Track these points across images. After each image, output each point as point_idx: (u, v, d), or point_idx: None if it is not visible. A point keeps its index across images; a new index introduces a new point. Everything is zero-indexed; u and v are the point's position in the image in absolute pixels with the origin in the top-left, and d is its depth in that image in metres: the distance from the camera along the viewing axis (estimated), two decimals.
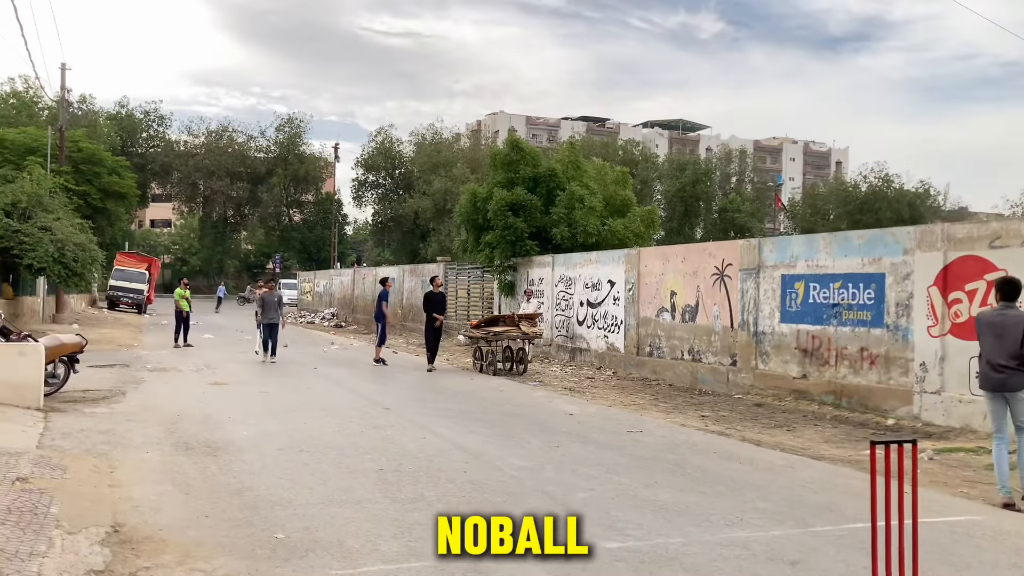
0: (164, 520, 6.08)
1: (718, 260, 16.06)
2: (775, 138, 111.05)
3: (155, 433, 9.61)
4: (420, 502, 6.72)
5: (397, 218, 61.40)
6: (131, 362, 17.81)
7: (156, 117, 68.99)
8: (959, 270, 11.39)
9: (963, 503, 7.26)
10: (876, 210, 57.94)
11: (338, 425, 10.49)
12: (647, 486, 7.51)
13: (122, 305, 42.03)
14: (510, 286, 24.32)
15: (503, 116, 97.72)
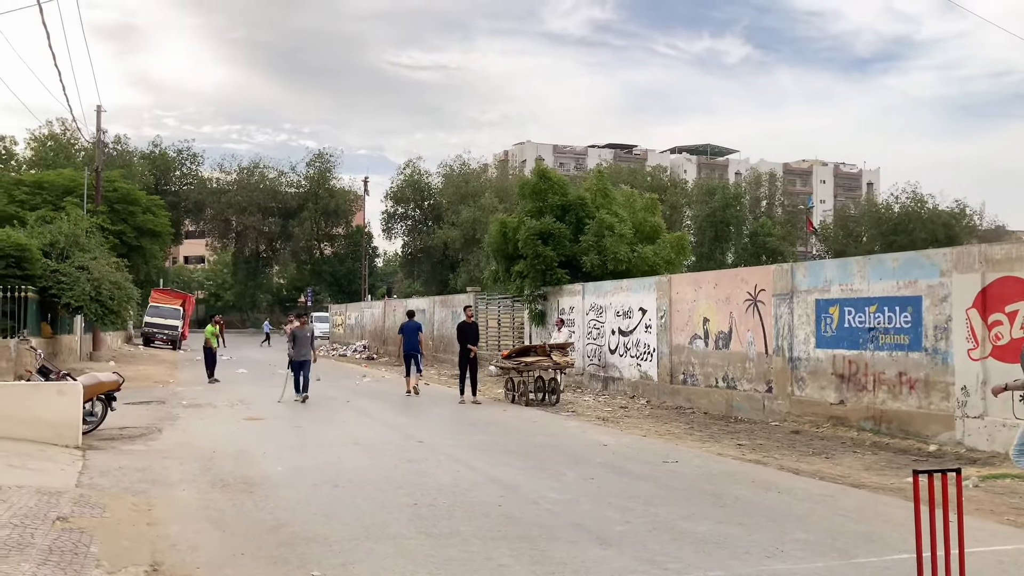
0: (201, 558, 6.10)
1: (750, 286, 15.93)
2: (805, 161, 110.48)
3: (191, 470, 9.67)
4: (455, 537, 6.68)
5: (426, 249, 61.78)
6: (167, 399, 17.99)
7: (189, 155, 70.38)
8: (998, 291, 11.19)
9: (1011, 531, 7.07)
10: (910, 231, 57.22)
11: (371, 459, 10.49)
12: (684, 518, 7.41)
13: (157, 341, 42.59)
14: (541, 315, 24.29)
15: (530, 145, 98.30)
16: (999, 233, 61.43)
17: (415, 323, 20.61)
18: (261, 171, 72.04)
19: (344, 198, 71.60)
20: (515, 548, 6.36)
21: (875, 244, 58.37)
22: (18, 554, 5.52)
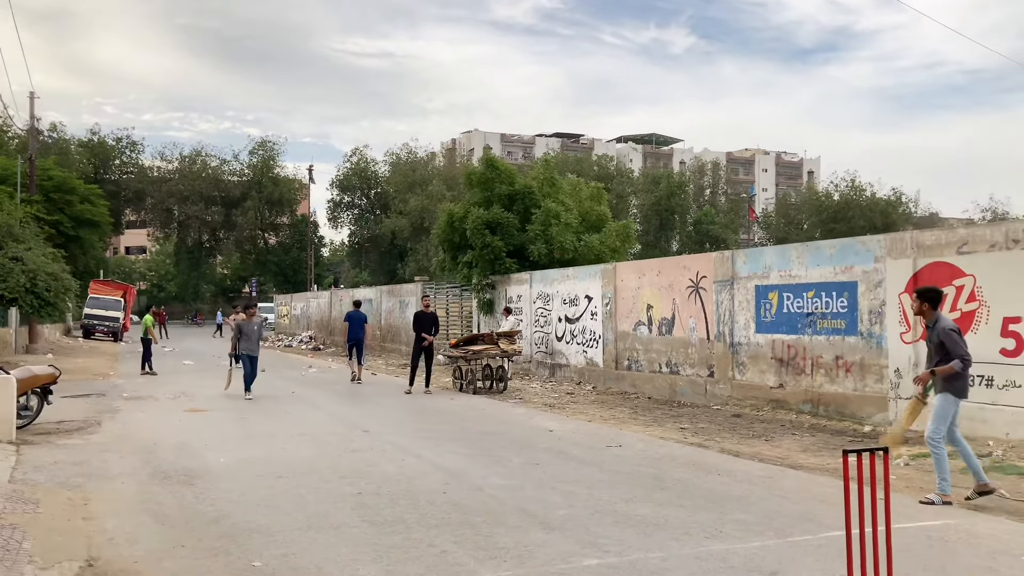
0: (140, 552, 6.01)
1: (693, 273, 16.17)
2: (747, 150, 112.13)
3: (130, 463, 9.50)
4: (399, 524, 6.69)
5: (374, 239, 61.36)
6: (107, 391, 17.61)
7: (128, 143, 68.60)
8: (929, 276, 11.52)
9: (939, 507, 7.32)
10: (849, 219, 58.61)
11: (316, 449, 10.42)
12: (626, 501, 7.53)
13: (97, 333, 41.59)
14: (489, 304, 24.33)
15: (477, 134, 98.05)
16: (933, 220, 63.21)
17: (361, 313, 21.28)
18: (203, 159, 70.67)
19: (289, 187, 70.59)
20: (459, 534, 6.39)
21: (815, 231, 59.67)
22: None
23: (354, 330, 20.58)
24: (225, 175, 71.07)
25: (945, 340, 7.56)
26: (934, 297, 7.86)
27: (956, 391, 7.63)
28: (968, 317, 10.94)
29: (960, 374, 7.60)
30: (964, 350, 7.58)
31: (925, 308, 7.81)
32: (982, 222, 49.88)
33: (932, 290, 8.02)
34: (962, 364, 7.52)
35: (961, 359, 7.51)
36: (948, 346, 7.55)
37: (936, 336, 7.65)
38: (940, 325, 7.69)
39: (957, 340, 7.59)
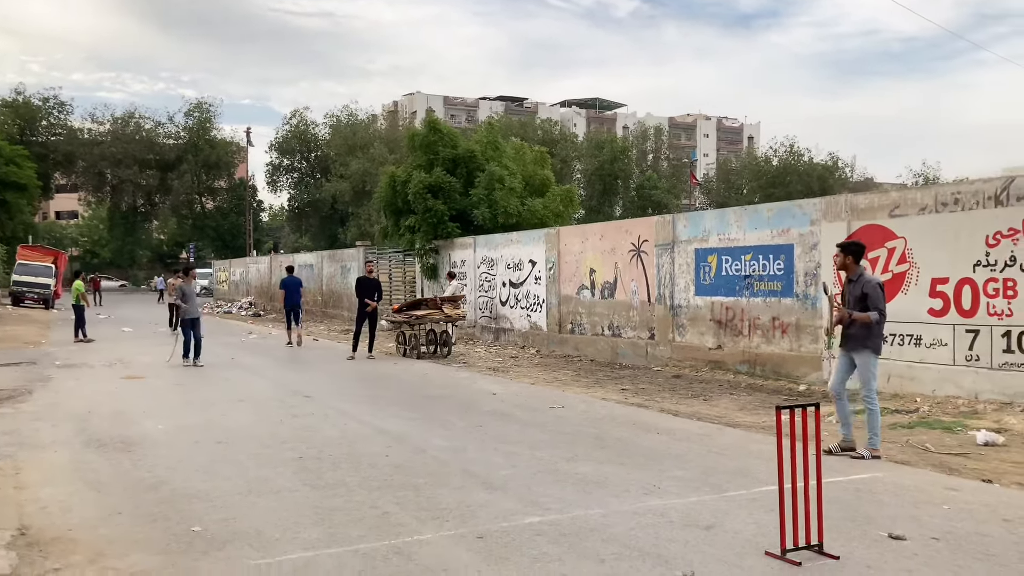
0: (74, 520, 5.90)
1: (634, 237, 16.32)
2: (689, 115, 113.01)
3: (64, 431, 9.29)
4: (341, 488, 6.68)
5: (314, 203, 60.42)
6: (38, 359, 17.14)
7: (56, 104, 66.08)
8: (862, 238, 11.78)
9: (867, 461, 7.58)
10: (787, 183, 59.58)
11: (257, 415, 10.32)
12: (568, 460, 7.63)
13: (28, 301, 40.32)
14: (432, 269, 24.24)
15: (420, 96, 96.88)
16: (868, 185, 64.65)
17: (295, 278, 21.49)
18: (137, 121, 68.42)
19: (226, 150, 68.88)
20: (401, 496, 6.41)
21: (755, 196, 60.53)
22: None
23: (290, 296, 20.78)
24: (160, 138, 69.01)
25: (870, 292, 7.60)
26: (857, 251, 7.88)
27: (876, 348, 7.72)
28: (899, 278, 11.27)
29: (878, 330, 7.68)
30: (883, 306, 7.68)
31: (848, 261, 7.83)
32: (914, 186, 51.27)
33: (856, 244, 8.03)
34: (879, 317, 7.59)
35: (881, 313, 7.59)
36: (872, 298, 7.58)
37: (860, 289, 7.66)
38: (866, 278, 7.75)
39: (881, 295, 7.66)
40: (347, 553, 5.10)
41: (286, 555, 5.09)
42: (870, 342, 7.67)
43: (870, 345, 7.68)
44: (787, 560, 4.82)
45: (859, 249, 7.93)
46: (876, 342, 7.72)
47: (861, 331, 7.67)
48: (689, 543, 5.22)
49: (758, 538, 5.28)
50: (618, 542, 5.25)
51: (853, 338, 7.74)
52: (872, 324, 7.59)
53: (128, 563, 5.00)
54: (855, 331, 7.71)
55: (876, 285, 7.70)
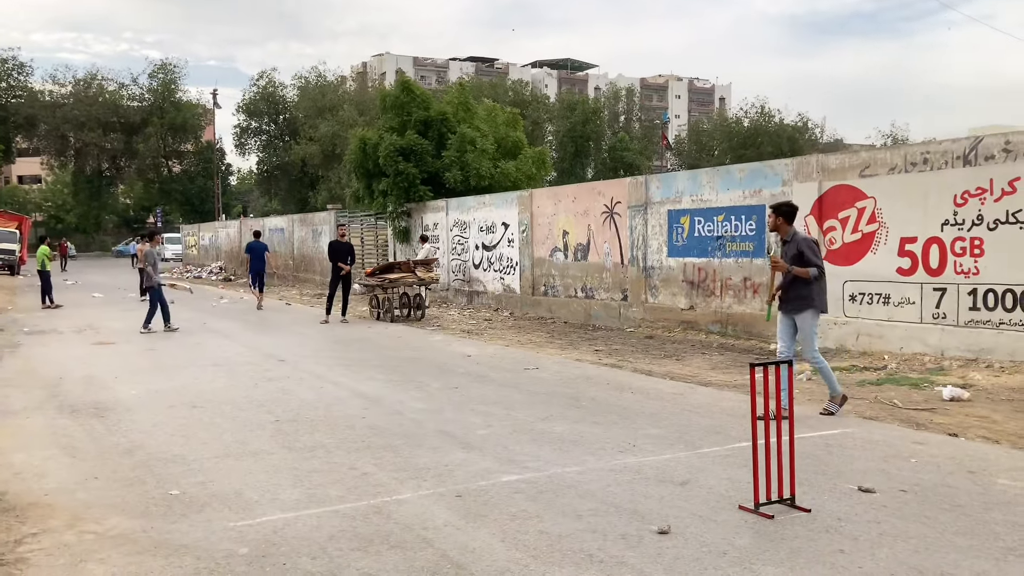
0: (50, 485, 5.87)
1: (607, 198, 16.33)
2: (661, 76, 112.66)
3: (36, 397, 9.20)
4: (319, 450, 6.70)
5: (283, 166, 59.64)
6: (5, 326, 16.90)
7: (15, 65, 64.37)
8: (833, 199, 11.93)
9: (836, 418, 7.72)
10: (758, 145, 59.78)
11: (231, 380, 10.28)
12: (543, 420, 7.70)
13: None
14: (404, 232, 24.12)
15: (390, 57, 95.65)
16: (837, 146, 65.10)
17: (261, 243, 22.02)
18: (100, 83, 66.88)
19: (192, 112, 67.62)
20: (379, 457, 6.45)
21: (726, 158, 60.68)
22: None
23: (255, 261, 21.36)
24: (124, 100, 67.57)
25: (805, 249, 7.49)
26: (788, 212, 7.76)
27: (820, 306, 7.62)
28: (868, 238, 11.41)
29: (820, 287, 7.56)
30: (820, 262, 7.56)
31: (780, 223, 7.71)
32: (883, 147, 51.68)
33: (787, 204, 7.94)
34: (817, 272, 7.46)
35: (818, 268, 7.47)
36: (807, 255, 7.46)
37: (795, 248, 7.54)
38: (799, 237, 7.66)
39: (816, 251, 7.57)
40: (327, 513, 5.13)
41: (265, 516, 5.11)
42: (812, 300, 7.56)
43: (813, 304, 7.56)
44: (760, 514, 4.92)
45: (790, 210, 7.80)
46: (819, 299, 7.60)
47: (802, 291, 7.53)
48: (664, 499, 5.31)
49: (732, 493, 5.38)
50: (595, 498, 5.33)
51: (793, 299, 7.61)
52: (812, 280, 7.47)
53: (107, 526, 4.99)
54: (795, 292, 7.57)
55: (812, 242, 7.64)
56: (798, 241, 7.61)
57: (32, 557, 4.54)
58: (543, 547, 4.51)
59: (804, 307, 7.58)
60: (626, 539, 4.61)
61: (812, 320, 7.62)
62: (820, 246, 7.85)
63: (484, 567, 4.25)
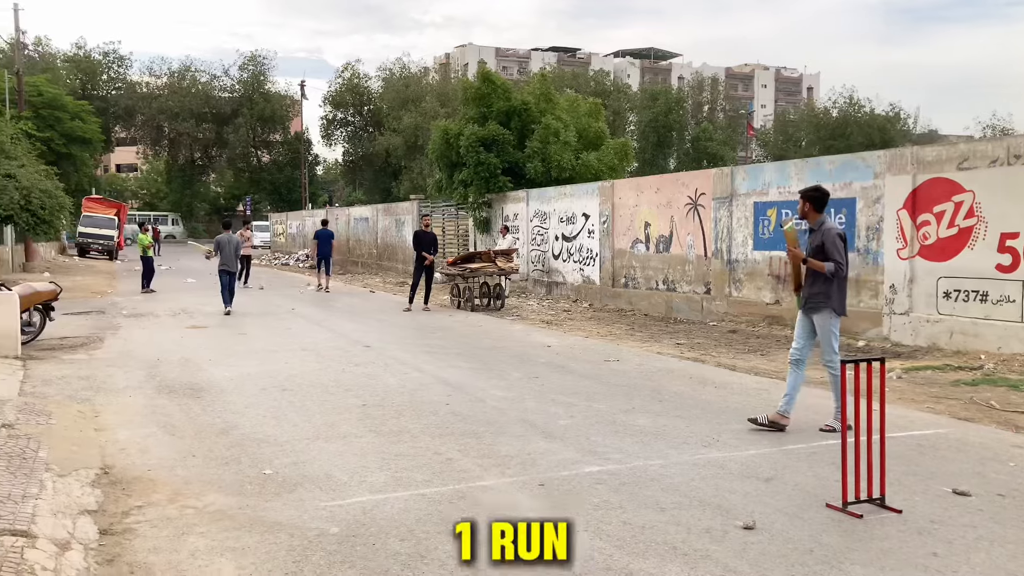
0: (152, 461, 6.17)
1: (691, 190, 16.13)
2: (747, 65, 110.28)
3: (136, 377, 9.64)
4: (404, 434, 6.85)
5: (368, 156, 60.65)
6: (106, 309, 17.71)
7: (116, 58, 67.09)
8: (928, 192, 11.54)
9: (930, 417, 7.51)
10: (847, 135, 57.99)
11: (319, 364, 10.57)
12: (625, 412, 7.70)
13: (93, 252, 41.51)
14: (485, 223, 24.30)
15: (472, 48, 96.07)
16: (931, 137, 62.62)
17: (328, 231, 23.85)
18: (193, 75, 69.22)
19: (280, 103, 69.37)
20: (463, 443, 6.56)
21: (813, 149, 59.08)
22: None
23: (322, 246, 23.13)
24: (215, 91, 69.78)
25: (827, 242, 6.89)
26: (819, 198, 7.14)
27: (838, 307, 6.99)
28: (966, 233, 11.00)
29: (838, 285, 6.95)
30: (841, 258, 6.91)
31: (808, 209, 7.13)
32: (984, 138, 49.54)
33: (817, 189, 7.27)
34: (834, 268, 6.85)
35: (836, 264, 6.86)
36: (828, 249, 6.87)
37: (820, 238, 6.96)
38: (827, 227, 7.04)
39: (839, 246, 6.90)
40: (413, 497, 5.26)
41: (354, 498, 5.27)
42: (831, 300, 6.94)
43: (831, 304, 6.95)
44: (849, 512, 4.84)
45: (819, 196, 7.16)
46: (837, 300, 6.96)
47: (820, 287, 6.96)
48: (749, 494, 5.27)
49: (819, 491, 5.30)
50: (678, 492, 5.32)
51: (811, 297, 7.04)
52: (829, 276, 6.87)
53: (205, 502, 5.23)
54: (814, 288, 7.00)
55: (836, 236, 6.96)
56: (824, 231, 6.99)
57: (138, 528, 4.78)
58: (626, 537, 4.53)
59: (821, 306, 6.98)
60: (710, 533, 4.59)
61: (829, 321, 7.01)
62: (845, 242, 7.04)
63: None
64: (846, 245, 7.03)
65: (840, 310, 6.99)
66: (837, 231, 7.03)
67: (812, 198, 7.13)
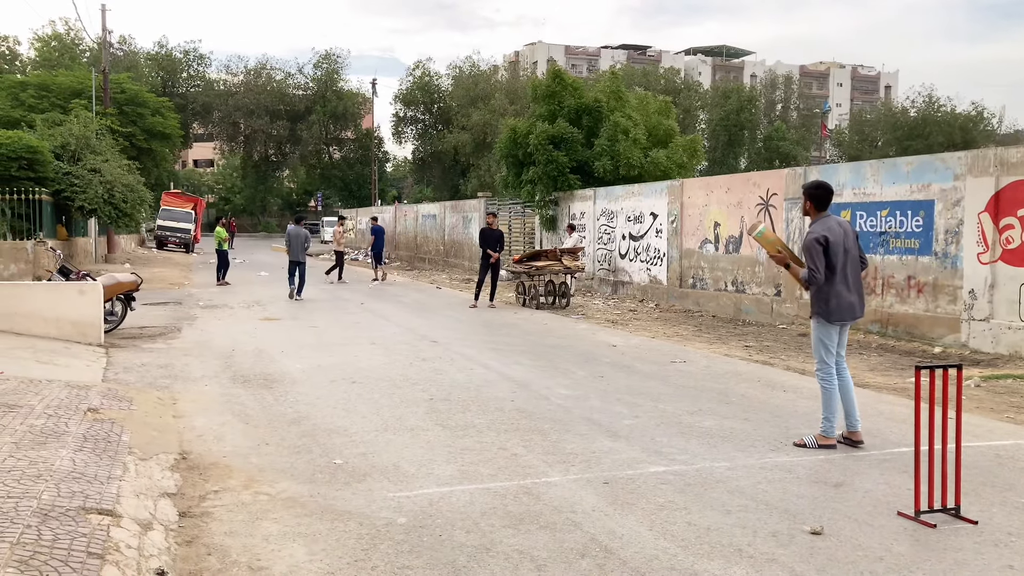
0: (227, 448, 6.37)
1: (763, 190, 15.89)
2: (822, 63, 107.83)
3: (212, 367, 9.96)
4: (470, 429, 6.94)
5: (437, 154, 61.21)
6: (183, 300, 18.29)
7: (196, 56, 69.08)
8: (1012, 195, 11.16)
9: (1009, 427, 7.28)
10: (926, 136, 56.30)
11: (387, 358, 10.75)
12: (691, 413, 7.65)
13: (170, 244, 42.87)
14: (551, 221, 24.32)
15: (541, 46, 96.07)
16: (1017, 138, 60.34)
17: (380, 227, 25.99)
18: (268, 73, 70.84)
19: (353, 101, 70.52)
20: (527, 440, 6.61)
21: (890, 149, 57.53)
22: (55, 441, 5.78)
23: (376, 241, 25.41)
24: (290, 89, 71.28)
25: (803, 247, 6.46)
26: (821, 196, 6.57)
27: (820, 311, 6.48)
28: None
29: (817, 291, 6.45)
30: (816, 264, 6.31)
31: (808, 207, 6.62)
32: None
33: (820, 187, 6.63)
34: (808, 276, 6.35)
35: (809, 271, 6.36)
36: (804, 253, 6.44)
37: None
38: (813, 228, 6.47)
39: (815, 251, 6.33)
40: (479, 490, 5.33)
41: (422, 489, 5.36)
42: (815, 306, 6.51)
43: (816, 310, 6.51)
44: (921, 522, 4.74)
45: (820, 193, 6.57)
46: (819, 305, 6.48)
47: (812, 295, 6.52)
48: (817, 499, 5.20)
49: (890, 498, 5.20)
50: (744, 495, 5.28)
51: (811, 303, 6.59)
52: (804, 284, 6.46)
53: (278, 489, 5.38)
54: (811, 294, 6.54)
55: (813, 240, 6.35)
56: (808, 236, 6.44)
57: (215, 512, 4.96)
58: (691, 538, 4.52)
59: (811, 312, 6.62)
60: (777, 537, 4.55)
61: (816, 329, 6.54)
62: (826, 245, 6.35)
63: (632, 553, 4.32)
64: (827, 248, 6.35)
65: (822, 315, 6.48)
66: (816, 235, 6.38)
67: (813, 196, 6.62)
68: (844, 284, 6.43)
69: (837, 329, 6.54)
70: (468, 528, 4.67)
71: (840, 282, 6.41)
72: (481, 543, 4.46)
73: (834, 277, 6.39)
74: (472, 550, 4.36)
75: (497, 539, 4.51)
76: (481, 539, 4.51)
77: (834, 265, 6.38)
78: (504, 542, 4.47)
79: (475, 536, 4.55)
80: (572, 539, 4.51)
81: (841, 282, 6.42)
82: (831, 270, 6.37)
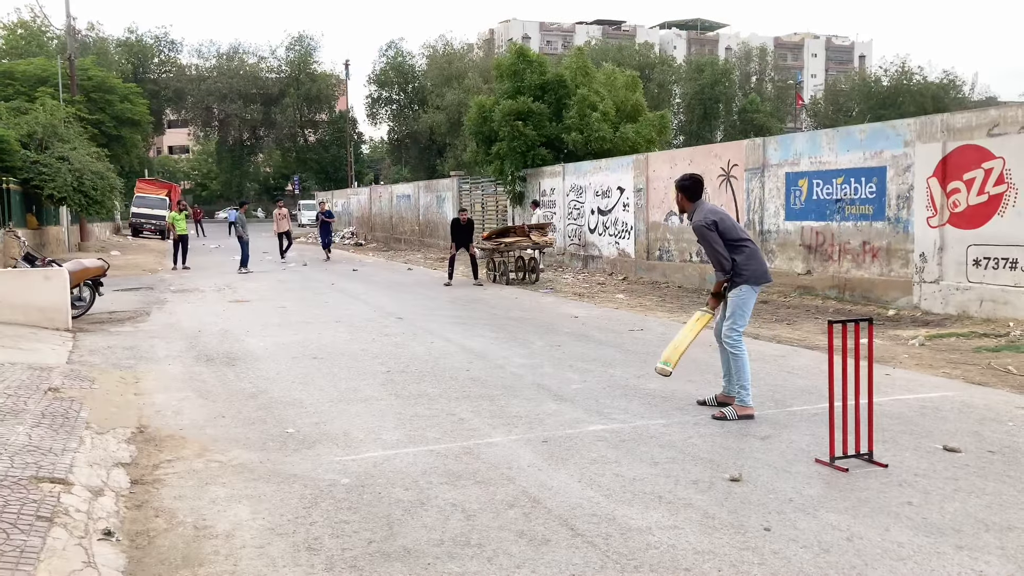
0: (184, 421, 6.57)
1: (724, 161, 16.14)
2: (796, 34, 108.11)
3: (177, 347, 10.12)
4: (423, 398, 7.17)
5: (413, 134, 61.19)
6: (155, 285, 18.38)
7: (167, 42, 68.54)
8: (958, 160, 11.46)
9: (942, 382, 7.58)
10: (899, 104, 56.80)
11: (351, 335, 10.94)
12: (638, 377, 7.91)
13: (146, 232, 42.75)
14: (519, 197, 24.51)
15: (516, 23, 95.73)
16: (989, 104, 60.92)
17: (329, 211, 28.63)
18: (241, 57, 70.46)
19: (326, 83, 70.30)
20: (476, 405, 6.85)
21: (864, 118, 57.98)
22: (13, 418, 5.96)
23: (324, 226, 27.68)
24: (263, 72, 70.92)
25: (700, 240, 6.45)
26: (687, 186, 6.52)
27: (751, 277, 6.36)
28: (995, 200, 10.92)
29: (745, 263, 6.35)
30: (716, 247, 6.29)
31: (680, 199, 6.59)
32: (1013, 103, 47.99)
33: (688, 178, 6.59)
34: (728, 266, 6.31)
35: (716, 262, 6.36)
36: (704, 249, 6.46)
37: (697, 234, 6.48)
38: (694, 219, 6.45)
39: (710, 238, 6.30)
40: (422, 452, 5.57)
41: (368, 453, 5.59)
42: (745, 272, 6.34)
43: (743, 279, 6.35)
44: (835, 467, 5.02)
45: (688, 184, 6.53)
46: (743, 275, 6.35)
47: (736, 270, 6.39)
48: (743, 451, 5.47)
49: (811, 448, 5.48)
50: (675, 448, 5.54)
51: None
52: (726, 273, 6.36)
53: (229, 457, 5.59)
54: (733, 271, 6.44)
55: (703, 229, 6.30)
56: (694, 225, 6.43)
57: (166, 479, 5.17)
58: (616, 488, 4.78)
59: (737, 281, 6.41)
60: (697, 484, 4.82)
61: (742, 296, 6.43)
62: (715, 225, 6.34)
63: (558, 502, 4.57)
64: (719, 229, 6.33)
65: (753, 280, 6.38)
66: (703, 222, 6.33)
67: (683, 187, 6.56)
68: (755, 249, 6.48)
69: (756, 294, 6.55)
70: (407, 486, 4.91)
71: (752, 248, 6.43)
72: (417, 498, 4.69)
73: (745, 248, 6.37)
74: (408, 504, 4.60)
75: (433, 494, 4.75)
76: (418, 495, 4.75)
77: (738, 237, 6.38)
78: (439, 496, 4.70)
79: (412, 492, 4.79)
80: (504, 492, 4.75)
81: (752, 248, 6.44)
82: (736, 244, 6.34)
